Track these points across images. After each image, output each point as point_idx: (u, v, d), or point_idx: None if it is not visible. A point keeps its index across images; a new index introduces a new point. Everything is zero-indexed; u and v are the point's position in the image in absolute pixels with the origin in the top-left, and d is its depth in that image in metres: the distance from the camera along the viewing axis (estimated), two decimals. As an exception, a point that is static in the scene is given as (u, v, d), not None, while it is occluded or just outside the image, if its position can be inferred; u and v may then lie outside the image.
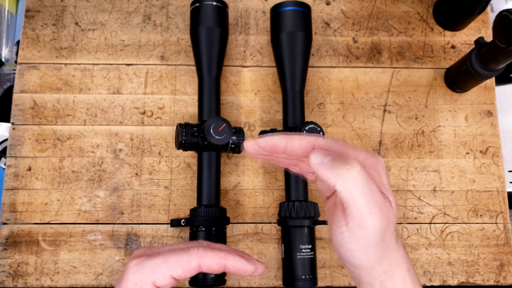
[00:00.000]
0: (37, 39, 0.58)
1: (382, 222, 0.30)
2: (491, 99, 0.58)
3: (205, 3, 0.52)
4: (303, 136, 0.32)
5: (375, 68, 0.59)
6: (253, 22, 0.60)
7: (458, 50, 0.60)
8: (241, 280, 0.52)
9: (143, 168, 0.55)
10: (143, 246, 0.53)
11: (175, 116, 0.56)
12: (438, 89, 0.58)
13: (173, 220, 0.51)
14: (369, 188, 0.30)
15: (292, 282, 0.47)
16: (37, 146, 0.55)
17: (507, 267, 0.54)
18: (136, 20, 0.59)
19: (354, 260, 0.32)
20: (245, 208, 0.54)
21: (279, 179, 0.55)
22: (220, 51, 0.53)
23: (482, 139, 0.57)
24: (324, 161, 0.30)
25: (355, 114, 0.57)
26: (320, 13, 0.60)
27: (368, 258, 0.32)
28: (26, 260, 0.52)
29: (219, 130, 0.47)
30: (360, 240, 0.31)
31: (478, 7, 0.55)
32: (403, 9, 0.61)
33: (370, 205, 0.30)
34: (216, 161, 0.51)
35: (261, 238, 0.54)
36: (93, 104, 0.56)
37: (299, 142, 0.32)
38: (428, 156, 0.56)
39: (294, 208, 0.49)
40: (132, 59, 0.58)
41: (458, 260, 0.54)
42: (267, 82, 0.58)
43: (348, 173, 0.29)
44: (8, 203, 0.53)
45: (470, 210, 0.55)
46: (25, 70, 0.57)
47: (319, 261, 0.53)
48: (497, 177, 0.56)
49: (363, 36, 0.60)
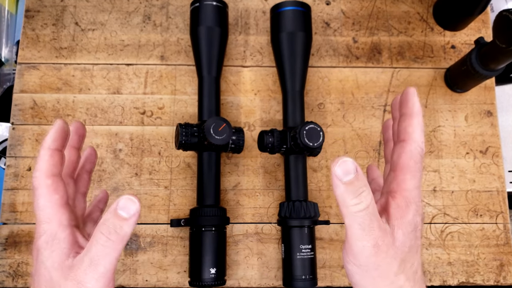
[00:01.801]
0: (37, 39, 0.58)
1: (375, 255, 0.30)
2: (491, 99, 0.58)
3: (205, 3, 0.52)
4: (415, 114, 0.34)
5: (375, 68, 0.59)
6: (253, 22, 0.60)
7: (458, 50, 0.60)
8: (241, 280, 0.53)
9: (143, 168, 0.55)
10: (143, 246, 0.53)
11: (175, 116, 0.56)
12: (438, 89, 0.58)
13: (173, 220, 0.51)
14: (369, 227, 0.29)
15: (292, 282, 0.47)
16: (37, 146, 0.55)
17: (507, 267, 0.54)
18: (136, 20, 0.59)
19: (351, 279, 0.32)
20: (245, 208, 0.54)
21: (279, 179, 0.55)
22: (220, 51, 0.53)
23: (482, 139, 0.57)
24: (342, 179, 0.30)
25: (355, 114, 0.57)
26: (320, 13, 0.60)
27: (363, 283, 0.31)
28: (26, 260, 0.52)
29: (219, 130, 0.47)
30: (352, 261, 0.31)
31: (478, 7, 0.55)
32: (403, 9, 0.61)
33: (364, 239, 0.29)
34: (216, 161, 0.51)
35: (261, 238, 0.54)
36: (93, 104, 0.56)
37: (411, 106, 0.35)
38: (428, 156, 0.56)
39: (294, 208, 0.48)
40: (132, 59, 0.58)
41: (458, 260, 0.54)
42: (267, 82, 0.58)
43: (354, 207, 0.29)
44: (8, 203, 0.53)
45: (470, 210, 0.55)
46: (25, 70, 0.57)
47: (319, 261, 0.53)
48: (497, 177, 0.56)
49: (363, 36, 0.60)
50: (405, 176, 0.32)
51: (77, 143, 0.37)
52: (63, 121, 0.33)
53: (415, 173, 0.32)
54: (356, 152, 0.56)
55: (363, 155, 0.56)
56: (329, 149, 0.56)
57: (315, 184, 0.55)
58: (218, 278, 0.47)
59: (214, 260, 0.47)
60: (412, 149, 0.32)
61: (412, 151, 0.32)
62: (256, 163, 0.55)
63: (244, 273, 0.53)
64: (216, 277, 0.47)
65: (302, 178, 0.51)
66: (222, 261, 0.48)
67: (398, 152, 0.33)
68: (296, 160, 0.51)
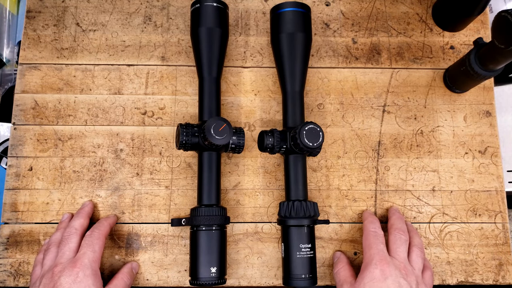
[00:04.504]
0: (38, 39, 0.58)
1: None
2: (490, 99, 0.59)
3: (206, 4, 0.53)
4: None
5: (375, 69, 0.59)
6: (253, 23, 0.60)
7: (457, 50, 0.60)
8: (241, 279, 0.53)
9: (144, 168, 0.55)
10: (144, 245, 0.53)
11: (176, 116, 0.56)
12: (437, 90, 0.59)
13: (173, 219, 0.51)
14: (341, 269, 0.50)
15: (292, 281, 0.48)
16: (38, 146, 0.55)
17: (506, 267, 0.54)
18: (136, 21, 0.59)
19: None
20: (245, 208, 0.55)
21: (279, 179, 0.55)
22: (221, 51, 0.53)
23: (481, 139, 0.57)
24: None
25: (355, 114, 0.57)
26: (319, 14, 0.61)
27: None
28: (27, 260, 0.52)
29: (219, 130, 0.47)
30: None
31: (477, 7, 0.55)
32: (402, 10, 0.61)
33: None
34: (216, 161, 0.51)
35: (261, 238, 0.54)
36: (94, 104, 0.56)
37: None
38: (427, 156, 0.56)
39: (294, 207, 0.49)
40: (133, 60, 0.58)
41: (457, 259, 0.54)
42: (267, 82, 0.58)
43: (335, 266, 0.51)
44: (9, 203, 0.54)
45: (469, 209, 0.55)
46: (26, 71, 0.57)
47: (319, 260, 0.53)
48: (496, 177, 0.56)
49: (362, 37, 0.60)
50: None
51: (109, 230, 0.52)
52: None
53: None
54: (355, 152, 0.56)
55: (362, 155, 0.56)
56: (329, 149, 0.56)
57: (314, 184, 0.55)
58: (218, 277, 0.47)
59: (214, 259, 0.47)
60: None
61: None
62: (256, 163, 0.56)
63: (244, 272, 0.53)
64: (216, 276, 0.47)
65: (301, 178, 0.51)
66: (223, 260, 0.48)
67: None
68: (296, 160, 0.51)
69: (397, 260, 0.46)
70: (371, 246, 0.47)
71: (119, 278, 0.49)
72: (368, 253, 0.46)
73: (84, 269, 0.44)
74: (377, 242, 0.47)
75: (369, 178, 0.56)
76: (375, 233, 0.48)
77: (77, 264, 0.44)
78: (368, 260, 0.45)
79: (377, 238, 0.47)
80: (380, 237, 0.48)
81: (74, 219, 0.50)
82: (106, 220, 0.51)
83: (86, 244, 0.47)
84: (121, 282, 0.48)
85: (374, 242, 0.47)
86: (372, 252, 0.46)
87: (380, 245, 0.46)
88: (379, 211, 0.55)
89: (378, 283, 0.43)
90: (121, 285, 0.48)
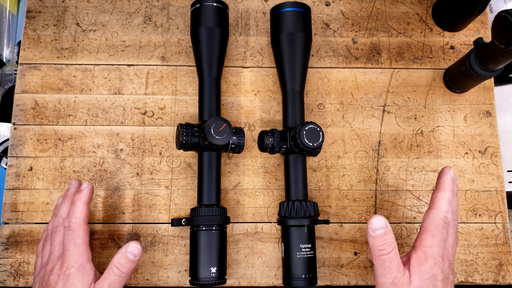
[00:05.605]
0: (38, 39, 0.58)
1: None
2: (490, 99, 0.59)
3: (206, 4, 0.53)
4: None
5: (375, 69, 0.59)
6: (253, 23, 0.60)
7: (457, 50, 0.60)
8: (241, 279, 0.53)
9: (144, 168, 0.55)
10: (144, 245, 0.53)
11: (176, 116, 0.57)
12: (437, 90, 0.59)
13: (173, 219, 0.51)
14: (388, 267, 0.41)
15: (292, 281, 0.48)
16: (38, 146, 0.55)
17: (506, 267, 0.54)
18: (137, 21, 0.59)
19: None
20: (245, 208, 0.55)
21: (279, 179, 0.55)
22: (221, 51, 0.53)
23: (481, 139, 0.57)
24: (373, 233, 0.42)
25: (355, 114, 0.57)
26: (319, 14, 0.61)
27: None
28: (27, 260, 0.52)
29: (219, 130, 0.47)
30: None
31: (477, 7, 0.55)
32: (402, 10, 0.61)
33: (384, 276, 0.41)
34: (216, 161, 0.51)
35: (261, 238, 0.54)
36: (94, 104, 0.56)
37: None
38: (427, 156, 0.56)
39: (294, 207, 0.49)
40: (133, 60, 0.58)
41: (457, 259, 0.54)
42: (267, 82, 0.58)
43: (378, 252, 0.42)
44: (9, 203, 0.54)
45: (469, 209, 0.55)
46: (26, 71, 0.57)
47: (319, 260, 0.53)
48: (496, 177, 0.56)
49: (362, 37, 0.60)
50: (425, 236, 0.43)
51: (90, 200, 0.48)
52: (91, 184, 0.49)
53: (434, 234, 0.42)
54: (356, 152, 0.56)
55: (362, 155, 0.56)
56: (329, 149, 0.56)
57: (314, 184, 0.55)
58: (218, 277, 0.47)
59: (214, 259, 0.47)
60: (435, 216, 0.43)
61: (434, 217, 0.43)
62: (256, 163, 0.56)
63: (244, 272, 0.53)
64: (216, 276, 0.47)
65: (301, 178, 0.51)
66: (223, 260, 0.49)
67: (425, 217, 0.44)
68: (296, 160, 0.51)
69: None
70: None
71: (108, 269, 0.45)
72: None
73: (70, 267, 0.44)
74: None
75: (369, 178, 0.56)
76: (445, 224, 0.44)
77: (63, 262, 0.44)
78: None
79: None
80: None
81: (61, 206, 0.48)
82: (79, 200, 0.46)
83: (66, 240, 0.45)
84: (111, 274, 0.44)
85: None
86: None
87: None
88: (379, 211, 0.55)
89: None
90: (111, 277, 0.44)
